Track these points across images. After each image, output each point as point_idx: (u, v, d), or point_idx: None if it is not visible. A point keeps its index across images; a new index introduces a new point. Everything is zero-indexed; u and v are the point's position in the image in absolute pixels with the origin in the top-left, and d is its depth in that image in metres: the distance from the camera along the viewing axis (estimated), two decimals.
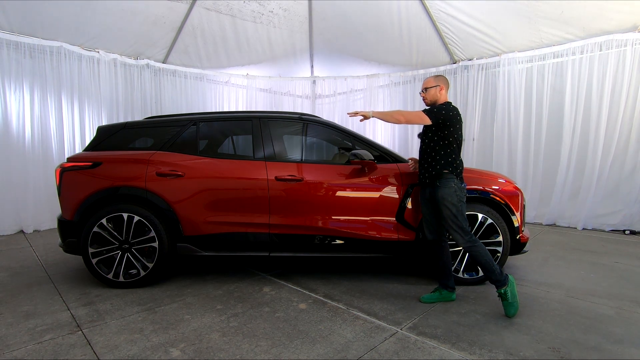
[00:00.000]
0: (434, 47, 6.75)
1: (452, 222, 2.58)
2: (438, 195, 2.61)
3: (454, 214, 2.57)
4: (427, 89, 2.76)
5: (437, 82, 2.75)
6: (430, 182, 2.69)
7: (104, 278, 3.00)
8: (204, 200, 3.06)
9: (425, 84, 2.79)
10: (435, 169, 2.64)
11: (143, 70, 6.43)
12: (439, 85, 2.74)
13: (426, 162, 2.72)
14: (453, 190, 2.58)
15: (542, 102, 5.89)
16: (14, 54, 5.04)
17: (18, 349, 2.10)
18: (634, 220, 5.13)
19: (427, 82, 2.79)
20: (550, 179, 5.86)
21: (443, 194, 2.59)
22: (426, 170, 2.72)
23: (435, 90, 2.74)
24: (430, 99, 2.76)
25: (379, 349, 2.11)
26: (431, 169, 2.67)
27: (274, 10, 6.49)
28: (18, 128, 5.12)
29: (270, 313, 2.59)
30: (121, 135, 3.32)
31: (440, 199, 2.59)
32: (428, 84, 2.77)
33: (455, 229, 2.58)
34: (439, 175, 2.62)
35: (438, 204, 2.62)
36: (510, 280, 2.56)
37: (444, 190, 2.59)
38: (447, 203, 2.57)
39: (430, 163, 2.69)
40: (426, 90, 2.76)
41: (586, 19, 5.21)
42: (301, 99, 8.68)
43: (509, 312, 2.52)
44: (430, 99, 2.76)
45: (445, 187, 2.59)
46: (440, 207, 2.61)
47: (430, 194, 2.70)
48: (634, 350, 2.11)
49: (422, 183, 2.79)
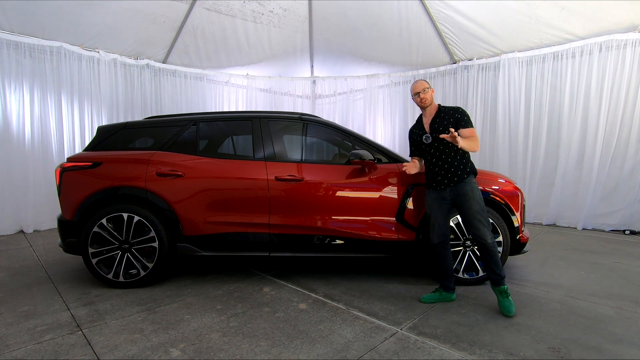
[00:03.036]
0: (434, 47, 6.75)
1: (482, 217, 2.58)
2: (467, 190, 2.60)
3: (482, 208, 2.60)
4: (426, 89, 2.76)
5: (429, 84, 2.80)
6: (453, 183, 2.65)
7: (104, 278, 3.00)
8: (204, 200, 3.06)
9: (421, 86, 2.77)
10: (461, 170, 2.64)
11: (143, 70, 6.43)
12: (430, 87, 2.80)
13: (447, 164, 2.66)
14: (476, 186, 2.65)
15: (542, 102, 5.89)
16: (14, 54, 5.04)
17: (18, 349, 2.10)
18: (634, 220, 5.13)
19: (422, 84, 2.78)
20: (550, 179, 5.86)
21: (472, 187, 2.62)
22: (448, 172, 2.65)
23: (430, 91, 2.78)
24: (430, 99, 2.78)
25: (379, 349, 2.11)
26: (456, 170, 2.64)
27: (274, 10, 6.49)
28: (18, 128, 5.12)
29: (270, 313, 2.59)
30: (121, 135, 3.32)
31: (469, 193, 2.59)
32: (424, 85, 2.78)
33: (485, 224, 2.58)
34: (465, 177, 2.64)
35: (466, 199, 2.59)
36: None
37: (471, 184, 2.63)
38: (477, 196, 2.60)
39: (453, 165, 2.64)
40: (426, 91, 2.76)
41: (586, 19, 5.21)
42: (301, 99, 8.68)
43: (510, 310, 2.53)
44: (430, 99, 2.78)
45: (471, 182, 2.64)
46: (469, 203, 2.59)
47: (453, 193, 2.65)
48: (634, 350, 2.11)
49: (439, 185, 2.70)
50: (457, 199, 2.65)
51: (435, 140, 2.71)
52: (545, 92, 5.86)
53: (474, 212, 2.59)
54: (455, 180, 2.64)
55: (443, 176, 2.68)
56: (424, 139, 2.77)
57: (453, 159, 2.66)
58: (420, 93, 2.77)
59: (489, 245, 2.58)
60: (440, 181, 2.70)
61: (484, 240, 2.57)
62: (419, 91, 2.77)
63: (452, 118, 2.67)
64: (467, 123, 2.67)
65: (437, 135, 2.69)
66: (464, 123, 2.66)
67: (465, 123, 2.66)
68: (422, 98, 2.77)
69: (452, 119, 2.67)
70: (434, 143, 2.73)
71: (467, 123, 2.67)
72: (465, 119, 2.68)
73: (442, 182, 2.69)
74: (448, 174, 2.66)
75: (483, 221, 2.58)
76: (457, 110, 2.72)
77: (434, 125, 2.73)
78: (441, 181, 2.69)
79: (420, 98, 2.78)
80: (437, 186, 2.73)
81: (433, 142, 2.73)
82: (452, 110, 2.72)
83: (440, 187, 2.70)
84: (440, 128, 2.67)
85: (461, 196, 2.62)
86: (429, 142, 2.74)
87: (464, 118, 2.68)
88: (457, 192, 2.64)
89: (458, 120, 2.66)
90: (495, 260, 2.60)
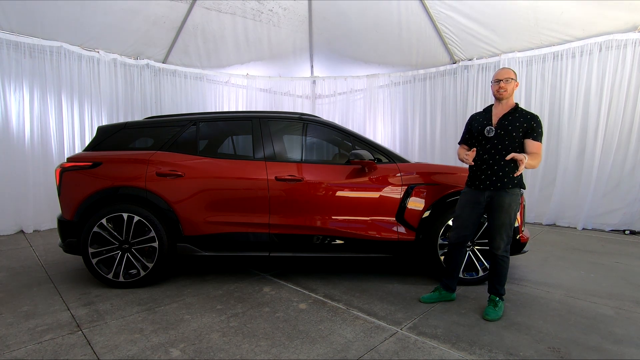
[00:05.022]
0: (434, 47, 6.75)
1: (506, 231, 2.47)
2: (505, 201, 2.45)
3: (511, 224, 2.48)
4: (510, 79, 2.49)
5: (515, 76, 2.53)
6: (494, 187, 2.48)
7: (104, 278, 3.00)
8: (204, 200, 3.06)
9: (506, 74, 2.50)
10: (508, 178, 2.45)
11: (143, 70, 6.43)
12: (516, 80, 2.54)
13: (497, 165, 2.47)
14: (518, 200, 2.50)
15: (542, 102, 5.89)
16: (14, 54, 5.04)
17: (18, 349, 2.10)
18: (634, 219, 5.13)
19: (508, 72, 2.51)
20: (550, 178, 5.86)
21: (511, 201, 2.45)
22: (494, 174, 2.47)
23: (513, 84, 2.51)
24: (510, 92, 2.52)
25: (379, 349, 2.11)
26: (503, 175, 2.45)
27: (273, 9, 6.49)
28: (18, 128, 5.12)
29: (270, 313, 2.59)
30: (121, 135, 3.32)
31: (506, 206, 2.45)
32: (510, 75, 2.50)
33: (504, 238, 2.48)
34: (509, 186, 2.46)
35: (500, 210, 2.46)
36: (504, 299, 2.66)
37: (512, 197, 2.46)
38: (512, 211, 2.46)
39: (503, 169, 2.45)
40: (508, 81, 2.48)
41: (586, 19, 5.21)
42: (301, 99, 8.68)
43: (490, 315, 2.49)
44: (510, 91, 2.51)
45: (514, 194, 2.47)
46: (500, 214, 2.46)
47: (490, 199, 2.51)
48: (634, 350, 2.11)
49: (479, 185, 2.55)
50: (491, 205, 2.52)
51: (498, 136, 2.49)
52: (545, 92, 5.86)
53: (499, 225, 2.47)
54: (498, 185, 2.47)
55: (488, 177, 2.50)
56: (487, 130, 2.53)
57: (506, 164, 2.45)
58: (502, 82, 2.50)
59: (498, 257, 2.52)
60: (483, 180, 2.52)
61: (495, 251, 2.52)
62: (501, 79, 2.51)
63: (527, 123, 2.45)
64: (539, 136, 2.45)
65: (502, 133, 2.47)
66: (535, 134, 2.44)
67: (537, 135, 2.44)
68: (501, 87, 2.50)
69: (525, 124, 2.44)
70: (494, 139, 2.50)
71: (539, 136, 2.45)
72: (539, 131, 2.45)
73: (484, 183, 2.51)
74: (493, 177, 2.48)
75: (504, 235, 2.48)
76: (535, 118, 2.47)
77: (503, 121, 2.49)
78: (484, 181, 2.51)
79: (499, 86, 2.51)
80: (478, 186, 2.55)
81: (494, 138, 2.50)
82: (530, 116, 2.48)
83: (480, 188, 2.54)
84: (510, 127, 2.44)
85: (496, 206, 2.49)
86: (491, 135, 2.51)
87: (538, 130, 2.45)
88: (494, 199, 2.49)
89: (531, 129, 2.44)
90: (499, 274, 2.54)
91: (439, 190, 3.08)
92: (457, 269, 2.77)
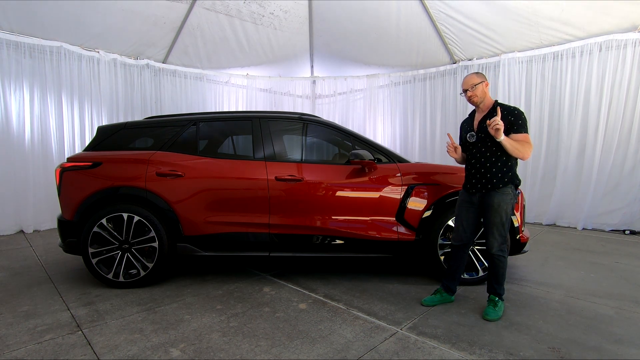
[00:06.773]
0: (434, 47, 6.75)
1: (497, 230, 2.47)
2: (494, 201, 2.45)
3: (502, 223, 2.47)
4: (475, 85, 2.52)
5: (481, 78, 2.53)
6: (485, 189, 2.50)
7: (104, 278, 3.00)
8: (204, 200, 3.06)
9: (469, 82, 2.53)
10: (497, 179, 2.46)
11: (143, 70, 6.43)
12: (484, 81, 2.54)
13: (484, 168, 2.50)
14: (509, 198, 2.47)
15: (542, 102, 5.90)
16: (14, 54, 5.04)
17: (18, 349, 2.10)
18: (634, 219, 5.13)
19: (471, 79, 2.53)
20: (550, 178, 5.86)
21: (500, 201, 2.45)
22: (483, 177, 2.50)
23: (482, 87, 2.53)
24: (481, 96, 2.54)
25: (379, 349, 2.11)
26: (492, 177, 2.47)
27: (274, 12, 6.49)
28: (18, 128, 5.12)
29: (270, 313, 2.59)
30: (121, 135, 3.32)
31: (496, 206, 2.45)
32: (473, 81, 2.52)
33: (496, 237, 2.48)
34: (500, 186, 2.46)
35: (490, 209, 2.47)
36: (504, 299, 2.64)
37: (502, 197, 2.45)
38: (502, 211, 2.45)
39: (491, 171, 2.47)
40: (474, 88, 2.52)
41: (586, 19, 5.21)
42: (301, 99, 8.68)
43: (490, 315, 2.49)
44: (480, 95, 2.54)
45: (504, 194, 2.46)
46: (491, 213, 2.47)
47: (482, 200, 2.53)
48: (634, 350, 2.11)
49: (471, 189, 2.59)
50: (482, 207, 2.54)
51: (480, 140, 2.52)
52: (545, 92, 5.86)
53: (490, 224, 2.48)
54: (488, 187, 2.48)
55: (478, 180, 2.54)
56: (468, 137, 2.59)
57: (493, 165, 2.47)
58: (468, 91, 2.54)
59: (493, 256, 2.51)
60: (473, 184, 2.57)
61: (489, 250, 2.52)
62: (466, 88, 2.55)
63: (505, 120, 2.41)
64: (521, 128, 2.43)
65: (483, 136, 2.49)
66: (517, 127, 2.42)
67: (518, 127, 2.42)
68: (468, 96, 2.55)
69: (504, 121, 2.40)
70: (477, 143, 2.54)
71: (521, 128, 2.43)
72: (519, 122, 2.43)
73: (475, 186, 2.55)
74: (482, 180, 2.51)
75: (496, 234, 2.47)
76: (513, 111, 2.45)
77: (483, 124, 2.51)
78: (474, 184, 2.56)
79: (467, 96, 2.56)
80: (469, 189, 2.60)
81: (477, 142, 2.54)
82: (507, 111, 2.46)
83: (472, 191, 2.58)
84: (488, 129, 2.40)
85: (486, 206, 2.50)
86: (473, 141, 2.56)
87: (518, 122, 2.43)
88: (485, 200, 2.51)
89: (511, 124, 2.42)
90: (496, 273, 2.54)
91: (439, 190, 3.08)
92: (459, 272, 2.76)
